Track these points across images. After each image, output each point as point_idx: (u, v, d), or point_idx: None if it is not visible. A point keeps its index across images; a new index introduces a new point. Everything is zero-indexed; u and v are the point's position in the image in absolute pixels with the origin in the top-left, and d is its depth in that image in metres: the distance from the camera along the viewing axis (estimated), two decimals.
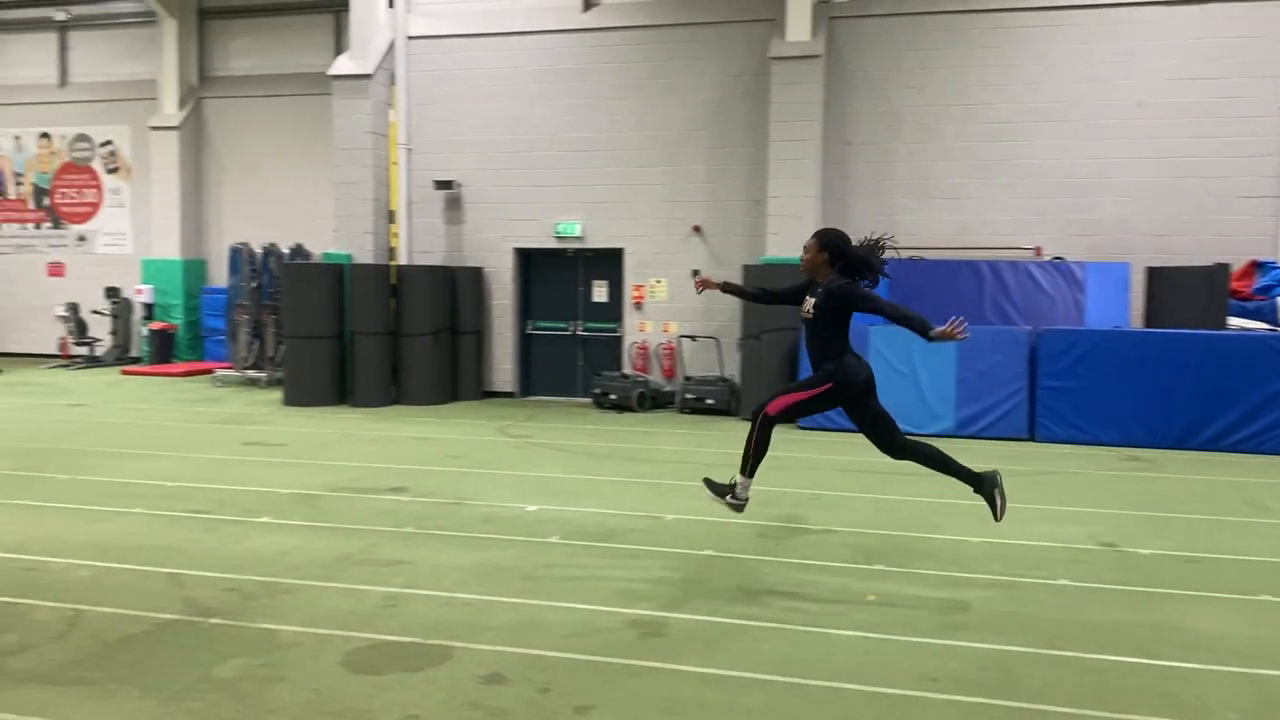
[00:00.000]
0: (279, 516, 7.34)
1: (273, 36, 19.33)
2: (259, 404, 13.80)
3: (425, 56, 14.90)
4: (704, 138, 14.16)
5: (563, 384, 14.98)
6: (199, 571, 5.96)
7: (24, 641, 4.79)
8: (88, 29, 20.34)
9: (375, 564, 6.19)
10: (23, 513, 7.37)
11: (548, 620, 5.24)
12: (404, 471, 9.14)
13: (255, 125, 19.33)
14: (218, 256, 19.68)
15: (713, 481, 5.98)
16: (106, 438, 10.75)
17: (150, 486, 8.31)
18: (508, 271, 14.89)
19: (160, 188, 19.27)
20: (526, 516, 7.51)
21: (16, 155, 20.68)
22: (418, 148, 14.96)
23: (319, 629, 5.02)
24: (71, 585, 5.66)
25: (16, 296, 20.59)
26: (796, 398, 5.76)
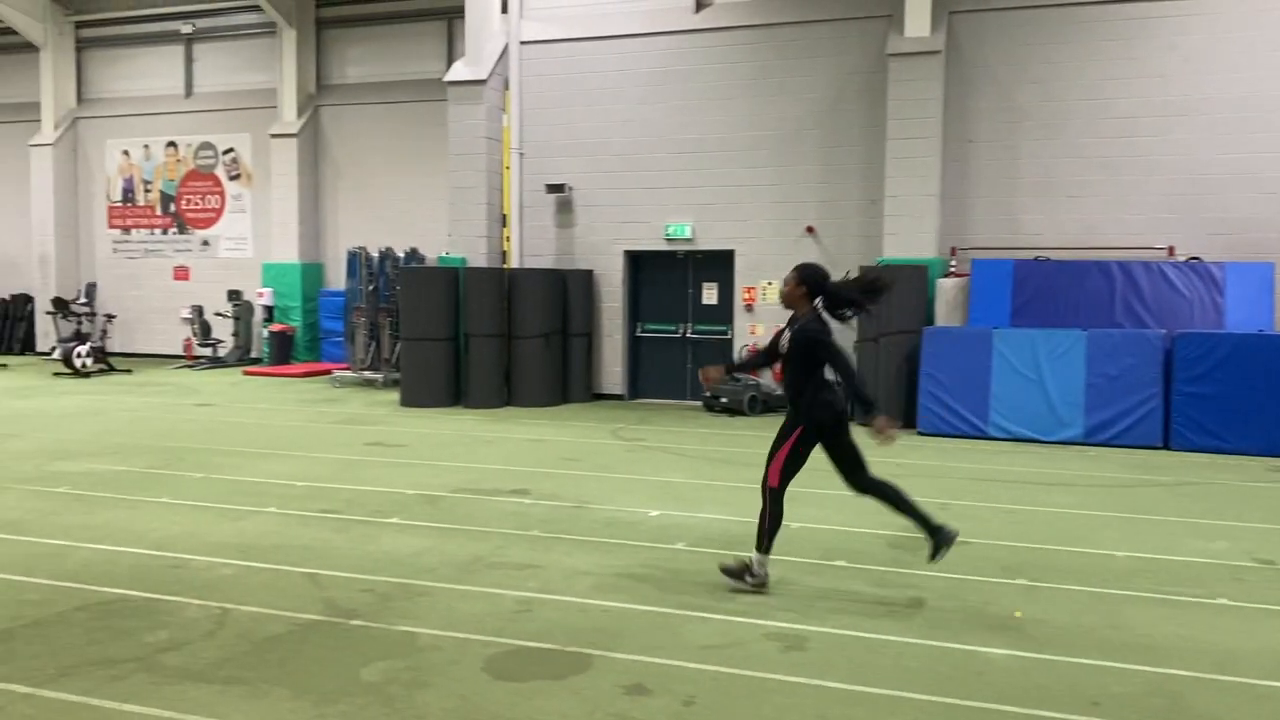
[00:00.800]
0: (407, 517, 7.42)
1: (386, 45, 19.76)
2: (377, 405, 14.07)
3: (537, 61, 15.01)
4: (818, 137, 13.93)
5: (672, 387, 14.90)
6: (335, 572, 6.05)
7: (176, 639, 4.91)
8: (211, 41, 21.10)
9: (506, 567, 6.20)
10: (163, 510, 7.61)
11: (683, 630, 5.16)
12: (523, 474, 9.17)
13: (369, 132, 19.78)
14: (334, 260, 20.21)
15: (728, 567, 5.83)
16: (235, 437, 11.07)
17: (281, 486, 8.50)
18: (617, 274, 14.89)
19: (279, 193, 19.86)
20: (649, 522, 7.45)
21: (145, 164, 21.56)
22: (529, 152, 15.08)
23: (457, 632, 5.03)
24: (216, 583, 5.80)
25: (144, 299, 21.47)
26: (782, 456, 5.73)
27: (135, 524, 7.14)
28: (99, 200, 21.90)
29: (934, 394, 11.98)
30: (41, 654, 4.68)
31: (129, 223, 21.76)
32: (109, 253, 21.90)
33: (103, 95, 21.88)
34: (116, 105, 21.69)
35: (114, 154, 21.77)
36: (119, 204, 21.81)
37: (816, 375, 5.70)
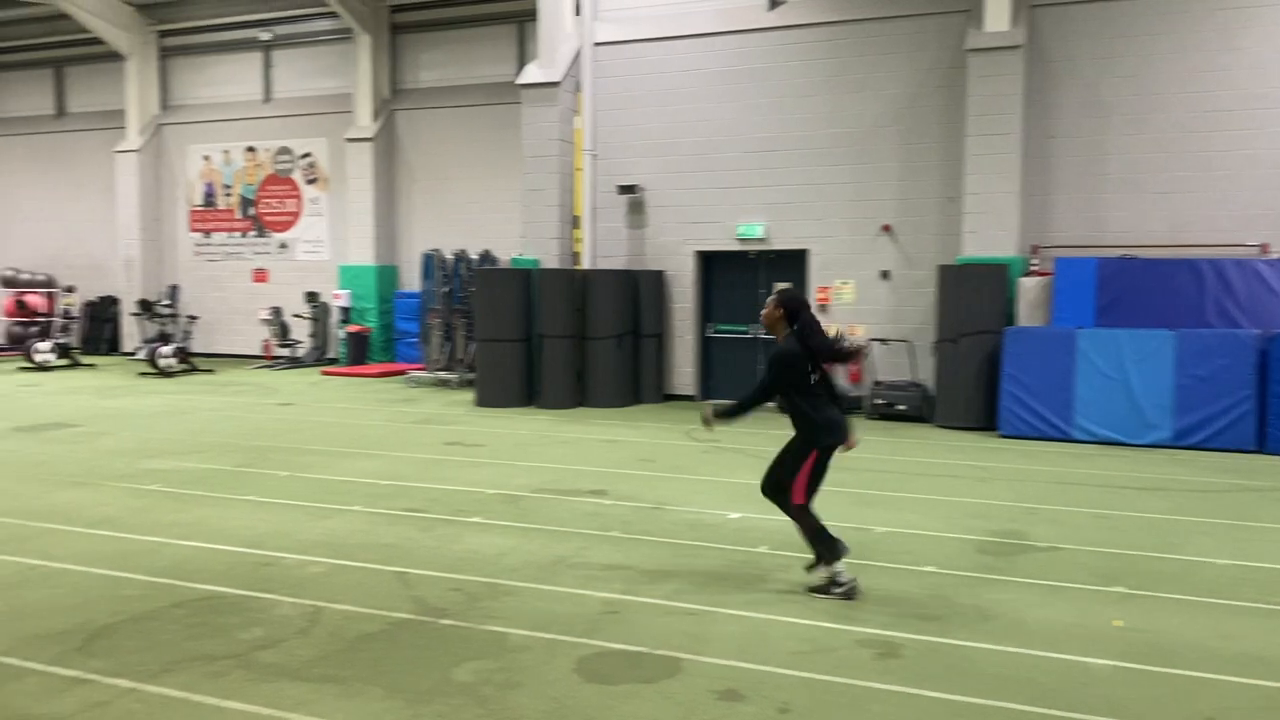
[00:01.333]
0: (489, 517, 7.46)
1: (459, 48, 19.97)
2: (452, 404, 14.21)
3: (610, 62, 15.02)
4: (894, 134, 13.72)
5: (744, 388, 14.75)
6: (423, 570, 6.09)
7: (271, 636, 4.98)
8: (289, 47, 21.51)
9: (589, 568, 6.19)
10: (252, 508, 7.75)
11: (773, 634, 5.09)
12: (600, 474, 9.17)
13: (442, 135, 20.00)
14: (408, 262, 20.49)
15: (815, 587, 5.77)
16: (317, 436, 11.25)
17: (365, 485, 8.61)
18: (689, 274, 14.83)
19: (355, 197, 20.19)
20: (730, 524, 7.38)
21: (225, 168, 22.07)
22: (602, 153, 15.09)
23: (546, 633, 5.02)
24: (307, 581, 5.88)
25: (225, 301, 21.98)
26: (802, 478, 5.83)
27: (226, 522, 7.28)
28: (181, 204, 22.48)
29: (1016, 395, 11.72)
30: (143, 649, 4.78)
31: (210, 226, 22.30)
32: (190, 255, 22.47)
33: (185, 102, 22.45)
34: (198, 111, 22.24)
35: (195, 159, 22.32)
36: (200, 208, 22.36)
37: (809, 398, 5.76)
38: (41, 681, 4.39)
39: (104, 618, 5.21)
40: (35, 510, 7.58)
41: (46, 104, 24.01)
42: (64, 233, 23.84)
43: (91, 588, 5.72)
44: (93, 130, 23.28)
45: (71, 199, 23.77)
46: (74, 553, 6.42)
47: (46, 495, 8.13)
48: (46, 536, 6.83)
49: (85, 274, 23.37)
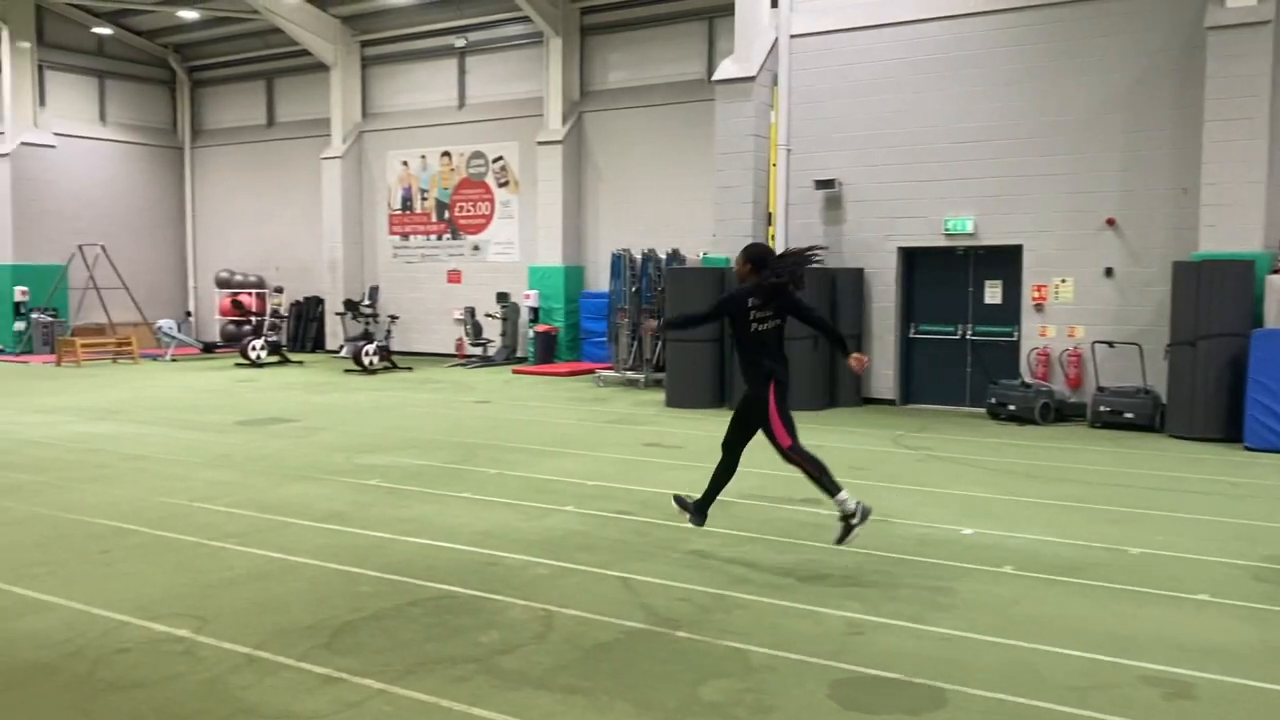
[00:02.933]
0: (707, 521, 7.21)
1: (647, 48, 19.95)
2: (643, 404, 14.12)
3: (808, 55, 14.59)
4: (1118, 121, 12.73)
5: (949, 392, 14.08)
6: (646, 577, 5.91)
7: (507, 640, 4.88)
8: (482, 53, 22.05)
9: (821, 583, 5.85)
10: (468, 506, 7.79)
11: (1039, 665, 4.62)
12: (805, 482, 8.77)
13: (629, 135, 20.03)
14: (594, 262, 20.64)
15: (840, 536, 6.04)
16: (518, 434, 11.34)
17: (572, 485, 8.54)
18: (890, 272, 14.23)
19: (545, 199, 20.48)
20: (964, 541, 6.89)
21: (422, 173, 22.83)
22: (797, 148, 14.68)
23: (790, 653, 4.72)
24: (534, 583, 5.78)
25: (421, 301, 22.73)
26: (775, 420, 6.17)
27: (445, 519, 7.33)
28: (381, 208, 23.40)
29: (1264, 404, 10.63)
30: (386, 648, 4.76)
31: (407, 229, 23.12)
32: (389, 258, 23.36)
33: (384, 110, 23.36)
34: (396, 118, 23.09)
35: (394, 164, 23.18)
36: (398, 211, 23.21)
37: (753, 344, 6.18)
38: (295, 678, 4.41)
39: (345, 614, 5.24)
40: (268, 503, 7.85)
41: (259, 114, 25.50)
42: (273, 236, 25.24)
43: (329, 583, 5.80)
44: (300, 138, 24.56)
45: (280, 204, 25.15)
46: (309, 547, 6.56)
47: (276, 489, 8.42)
48: (281, 530, 7.03)
49: (292, 275, 24.67)
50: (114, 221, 24.91)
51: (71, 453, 10.07)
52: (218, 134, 26.21)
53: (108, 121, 25.23)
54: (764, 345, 6.19)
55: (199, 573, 5.98)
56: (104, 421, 12.34)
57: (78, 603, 5.40)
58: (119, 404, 14.03)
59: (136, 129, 25.73)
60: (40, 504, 7.76)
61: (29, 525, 7.11)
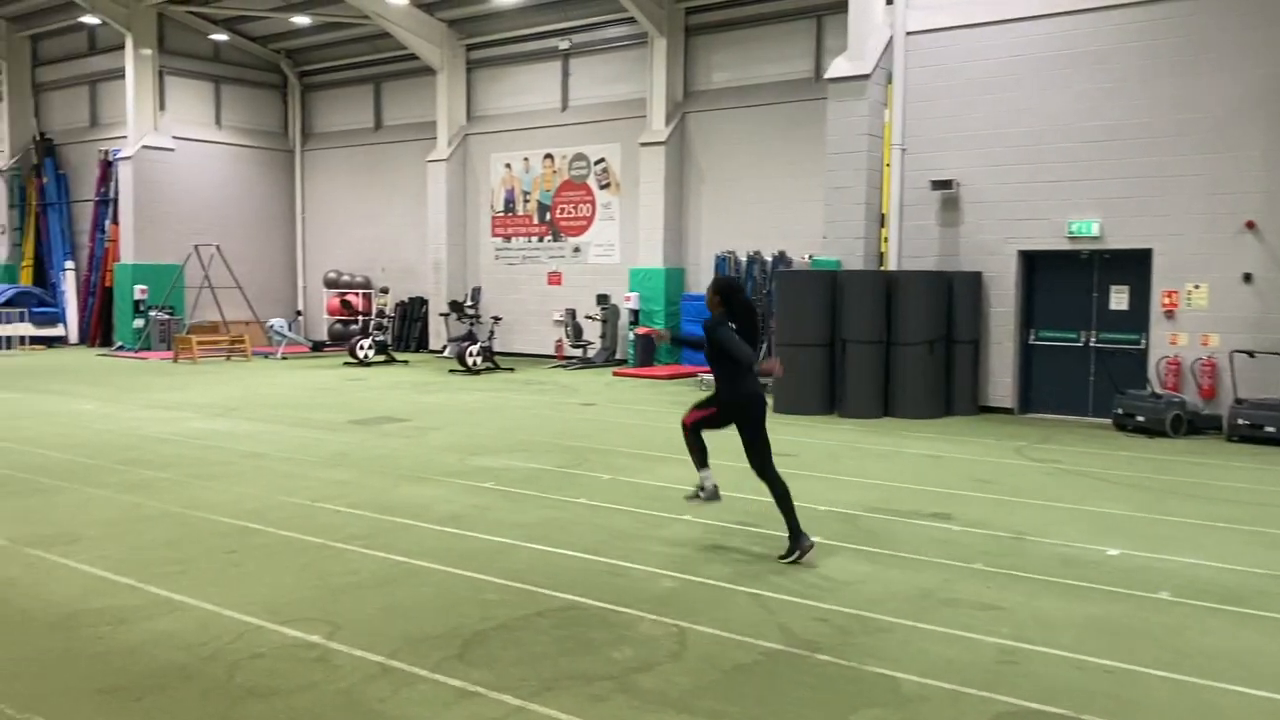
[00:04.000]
0: (829, 537, 6.96)
1: (752, 48, 19.69)
2: None
3: (924, 52, 14.16)
4: (1260, 119, 12.03)
5: (1070, 401, 13.49)
6: (779, 595, 5.69)
7: (642, 658, 4.72)
8: (585, 55, 22.06)
9: (964, 605, 5.56)
10: (585, 512, 7.67)
11: (1222, 705, 4.27)
12: (935, 495, 8.47)
13: (732, 136, 19.80)
14: (694, 264, 20.46)
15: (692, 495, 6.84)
16: (626, 438, 11.21)
17: (684, 493, 8.35)
18: (1009, 276, 13.70)
19: (646, 200, 20.37)
20: (1111, 562, 6.49)
21: (525, 175, 22.95)
22: (912, 147, 14.26)
23: (942, 682, 4.46)
24: (662, 597, 5.62)
25: (522, 303, 22.85)
26: (698, 415, 6.73)
27: (565, 526, 7.22)
28: (484, 210, 23.61)
29: None
30: (519, 662, 4.65)
31: (509, 231, 23.27)
32: (491, 259, 23.55)
33: (488, 113, 23.56)
34: (500, 121, 23.27)
35: (497, 167, 23.36)
36: (501, 214, 23.38)
37: (726, 365, 6.46)
38: (432, 690, 4.32)
39: (474, 623, 5.15)
40: (387, 504, 7.86)
41: (367, 118, 25.99)
42: (379, 237, 25.69)
43: (454, 589, 5.73)
44: (406, 141, 24.95)
45: (386, 206, 25.58)
46: (430, 550, 6.52)
47: (393, 490, 8.44)
48: (402, 532, 7.01)
49: (397, 276, 25.08)
50: (228, 222, 25.66)
51: (194, 449, 10.28)
52: (327, 137, 26.79)
53: (223, 125, 26.00)
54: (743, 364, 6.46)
55: (326, 575, 5.97)
56: (222, 418, 12.62)
57: (209, 603, 5.42)
58: (235, 401, 14.36)
59: (250, 132, 26.46)
60: (168, 501, 7.90)
61: (159, 522, 7.23)
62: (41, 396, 14.79)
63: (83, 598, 5.52)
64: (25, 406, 13.62)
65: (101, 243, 25.55)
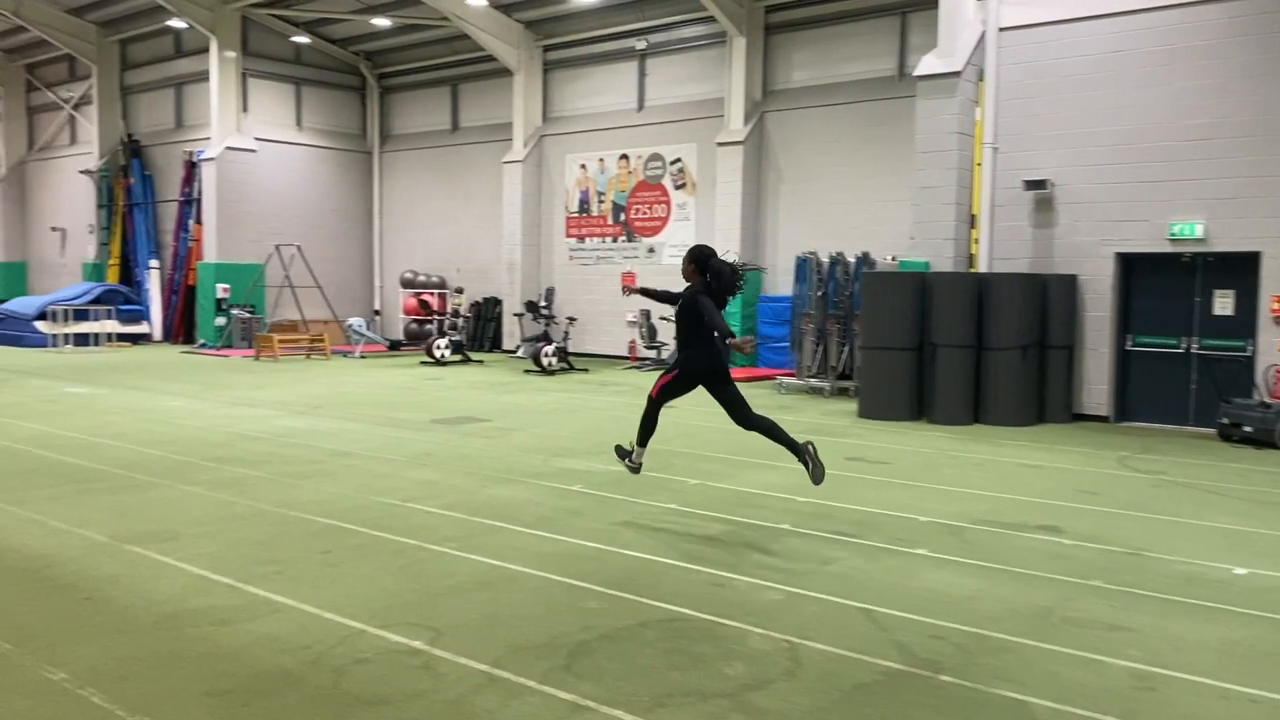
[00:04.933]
0: (936, 549, 6.71)
1: (833, 46, 19.37)
2: (832, 414, 13.58)
3: (1017, 48, 13.74)
4: None
5: (1170, 409, 12.97)
6: (889, 609, 5.45)
7: (755, 675, 4.53)
8: (661, 55, 21.92)
9: (1087, 625, 5.27)
10: (677, 519, 7.50)
11: None
12: (1040, 506, 8.13)
13: (811, 135, 19.50)
14: (771, 266, 20.17)
15: (620, 448, 7.55)
16: (708, 442, 11.01)
17: (781, 500, 8.15)
18: (1106, 279, 13.22)
19: (723, 201, 20.15)
20: (1240, 583, 6.13)
21: (600, 176, 22.88)
22: (1004, 146, 13.85)
23: (1077, 708, 4.20)
24: (767, 609, 5.42)
25: (596, 304, 22.78)
26: (662, 383, 7.23)
27: (657, 531, 7.06)
28: (558, 211, 23.59)
29: None
30: (627, 675, 4.49)
31: (583, 232, 23.22)
32: (565, 260, 23.52)
33: (564, 113, 23.55)
34: (575, 122, 23.24)
35: (573, 168, 23.34)
36: (575, 214, 23.35)
37: (692, 335, 7.00)
38: (541, 703, 4.18)
39: (576, 632, 5.01)
40: (476, 506, 7.78)
41: (444, 119, 26.17)
42: (454, 238, 25.85)
43: (554, 595, 5.60)
44: (482, 143, 25.07)
45: (461, 207, 25.73)
46: (524, 554, 6.40)
47: (481, 491, 8.37)
48: (494, 535, 6.91)
49: (471, 276, 25.21)
50: (307, 223, 26.03)
51: (282, 447, 10.34)
52: (404, 138, 27.04)
53: (303, 127, 26.39)
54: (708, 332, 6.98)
55: (423, 578, 5.88)
56: (307, 416, 12.71)
57: (309, 605, 5.36)
58: (318, 399, 14.48)
59: (329, 134, 26.82)
60: (260, 499, 7.91)
61: (253, 521, 7.23)
62: (130, 393, 15.08)
63: (184, 597, 5.50)
64: (115, 402, 13.88)
65: (185, 242, 26.10)
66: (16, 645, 4.75)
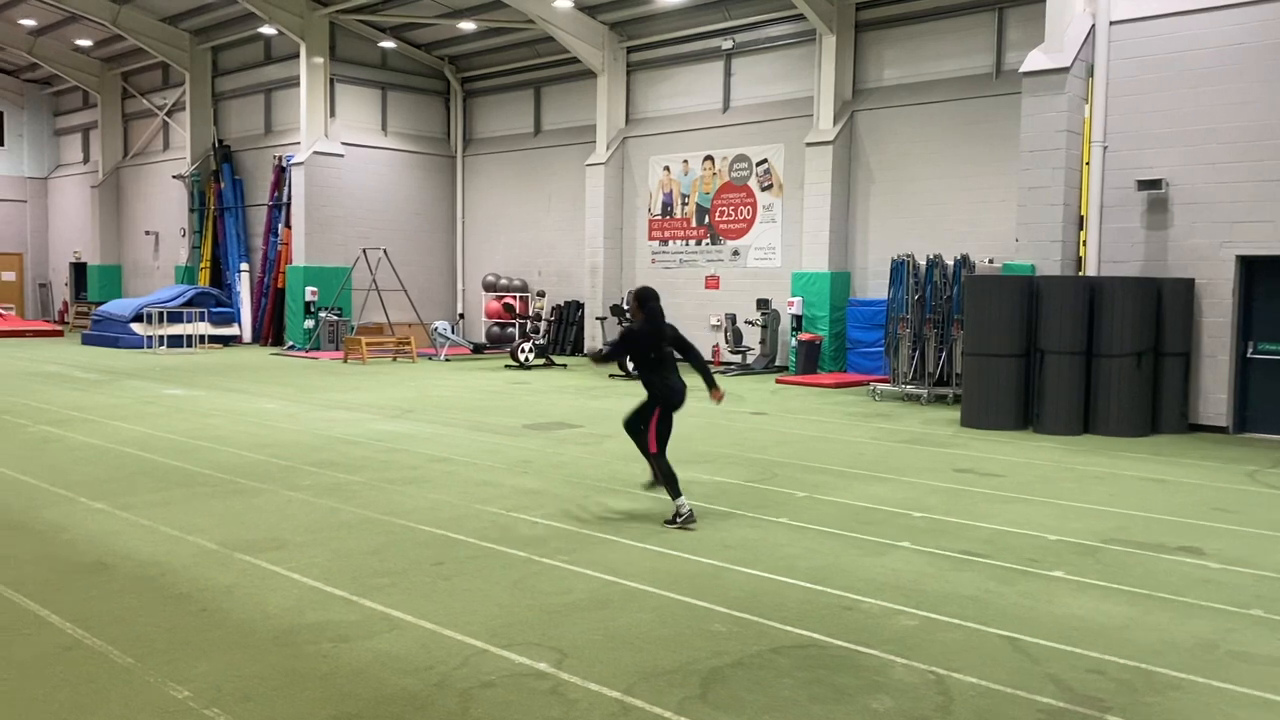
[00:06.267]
0: (1071, 571, 6.32)
1: (925, 43, 18.86)
2: (933, 423, 13.14)
3: (1130, 42, 13.14)
4: None
5: None
6: (1035, 638, 5.11)
7: (906, 710, 4.24)
8: (748, 55, 21.59)
9: (1260, 661, 4.86)
10: (791, 534, 7.21)
11: None
12: (1175, 525, 7.66)
13: (904, 135, 19.01)
14: (861, 269, 19.74)
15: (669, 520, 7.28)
16: (810, 451, 10.70)
17: (895, 515, 7.81)
18: (1225, 284, 12.56)
19: (812, 202, 19.75)
20: None
21: (683, 178, 22.63)
22: (1115, 145, 13.26)
23: None
24: (905, 637, 5.11)
25: (678, 307, 22.47)
26: (652, 432, 7.42)
27: (773, 548, 6.78)
28: (641, 214, 23.41)
29: None
30: (770, 708, 4.23)
31: (666, 235, 23.00)
32: (647, 263, 23.32)
33: (647, 115, 23.36)
34: (658, 124, 23.03)
35: (656, 170, 23.13)
36: (658, 217, 23.14)
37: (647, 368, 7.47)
38: None
39: (707, 658, 4.77)
40: (582, 516, 7.59)
41: (526, 122, 26.18)
42: (536, 241, 25.84)
43: (676, 616, 5.36)
44: (564, 146, 25.01)
45: (543, 210, 25.70)
46: (639, 570, 6.18)
47: (585, 499, 8.18)
48: (606, 548, 6.71)
49: (552, 280, 25.17)
50: (391, 226, 26.27)
51: (380, 452, 10.29)
52: (487, 142, 27.13)
53: (388, 131, 26.63)
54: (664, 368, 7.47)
55: (539, 594, 5.70)
56: (400, 420, 12.69)
57: (427, 621, 5.21)
58: (409, 403, 14.49)
59: (414, 138, 27.03)
60: (365, 506, 7.83)
61: (360, 529, 7.14)
62: (226, 395, 15.26)
63: (299, 610, 5.39)
64: (212, 404, 14.05)
65: (274, 245, 26.52)
66: (139, 660, 4.68)
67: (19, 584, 5.76)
